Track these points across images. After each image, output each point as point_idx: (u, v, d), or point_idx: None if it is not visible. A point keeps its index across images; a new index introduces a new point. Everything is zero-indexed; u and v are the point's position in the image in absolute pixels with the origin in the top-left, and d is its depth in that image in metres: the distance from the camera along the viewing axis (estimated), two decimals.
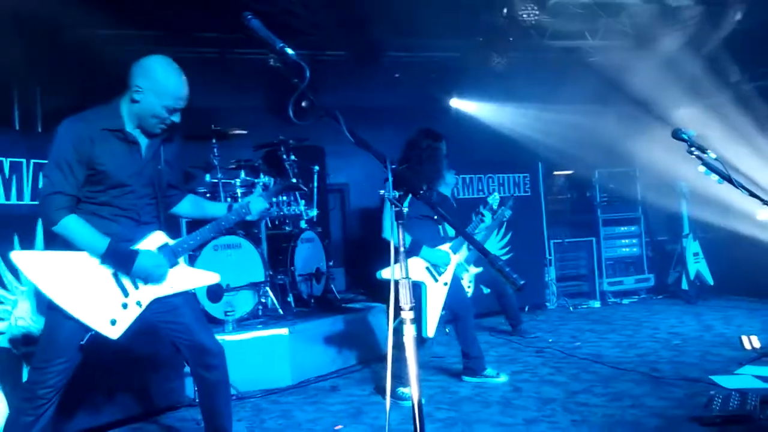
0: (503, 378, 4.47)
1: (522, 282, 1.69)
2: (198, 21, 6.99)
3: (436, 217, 4.40)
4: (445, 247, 4.41)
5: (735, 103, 7.23)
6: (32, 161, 3.68)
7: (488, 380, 4.46)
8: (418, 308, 4.25)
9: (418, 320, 4.25)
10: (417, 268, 4.27)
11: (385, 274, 4.16)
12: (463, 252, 5.41)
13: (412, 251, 4.21)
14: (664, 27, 6.84)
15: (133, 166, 2.73)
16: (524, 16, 7.04)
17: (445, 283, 4.37)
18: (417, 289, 4.27)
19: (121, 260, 2.66)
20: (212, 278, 3.09)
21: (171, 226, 3.02)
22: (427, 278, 4.31)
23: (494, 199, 5.03)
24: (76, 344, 2.61)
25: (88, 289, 2.62)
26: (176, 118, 2.73)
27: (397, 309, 1.84)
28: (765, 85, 7.24)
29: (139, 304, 2.74)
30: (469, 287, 5.63)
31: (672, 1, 6.55)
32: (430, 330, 4.26)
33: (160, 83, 2.63)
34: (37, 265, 2.58)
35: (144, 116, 2.68)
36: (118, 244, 2.66)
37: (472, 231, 4.82)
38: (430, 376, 4.77)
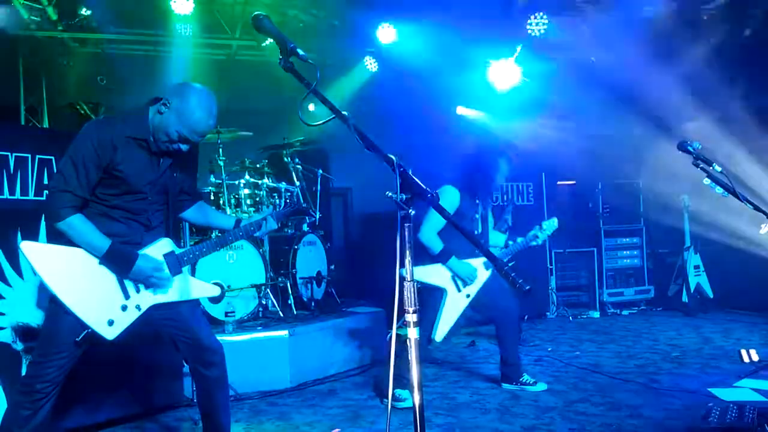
0: (541, 386, 4.45)
1: (528, 287, 1.69)
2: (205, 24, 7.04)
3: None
4: (477, 261, 4.36)
5: (741, 118, 7.24)
6: (37, 157, 3.69)
7: (525, 388, 4.44)
8: (433, 311, 4.26)
9: (431, 322, 4.25)
10: (442, 274, 4.27)
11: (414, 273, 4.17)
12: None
13: (441, 258, 4.21)
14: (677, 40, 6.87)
15: (150, 176, 2.76)
16: (533, 26, 7.09)
17: (468, 296, 4.35)
18: (437, 293, 4.28)
19: (120, 262, 2.68)
20: (213, 291, 3.11)
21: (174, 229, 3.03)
22: (450, 286, 4.29)
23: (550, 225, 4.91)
24: (73, 341, 2.62)
25: (90, 287, 2.64)
26: (184, 147, 2.73)
27: (401, 311, 1.84)
28: None
29: (138, 308, 2.76)
30: None
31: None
32: (440, 335, 4.26)
33: (187, 109, 2.63)
34: (44, 257, 2.60)
35: (158, 129, 2.69)
36: (119, 246, 2.68)
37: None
38: (429, 382, 4.77)
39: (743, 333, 6.23)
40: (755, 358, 4.96)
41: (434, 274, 4.26)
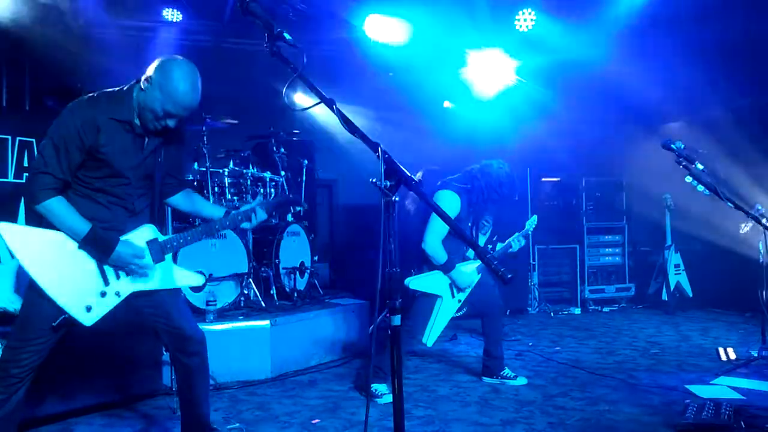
0: (521, 381, 4.47)
1: (510, 275, 1.69)
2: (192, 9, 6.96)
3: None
4: (471, 266, 4.42)
5: (724, 119, 7.32)
6: (18, 139, 3.64)
7: (506, 381, 4.47)
8: (425, 315, 4.31)
9: (423, 326, 4.32)
10: (441, 282, 4.30)
11: (414, 284, 4.25)
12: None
13: (445, 268, 4.25)
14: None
15: (134, 159, 2.70)
16: (521, 22, 7.09)
17: (459, 301, 4.42)
18: (431, 298, 4.32)
19: (100, 247, 2.63)
20: (196, 280, 3.07)
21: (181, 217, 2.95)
22: (446, 293, 4.34)
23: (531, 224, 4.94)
24: (49, 326, 2.58)
25: (69, 271, 2.60)
26: (171, 123, 2.65)
27: (383, 305, 1.83)
28: (754, 102, 7.32)
29: (118, 294, 2.71)
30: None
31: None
32: (432, 340, 4.34)
33: (170, 84, 2.56)
34: (22, 239, 2.54)
35: (143, 108, 2.61)
36: (99, 230, 2.62)
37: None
38: (410, 374, 4.78)
39: (721, 331, 6.32)
40: (732, 356, 5.02)
41: (433, 283, 4.30)
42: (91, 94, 2.66)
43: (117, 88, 2.69)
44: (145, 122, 2.65)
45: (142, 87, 2.60)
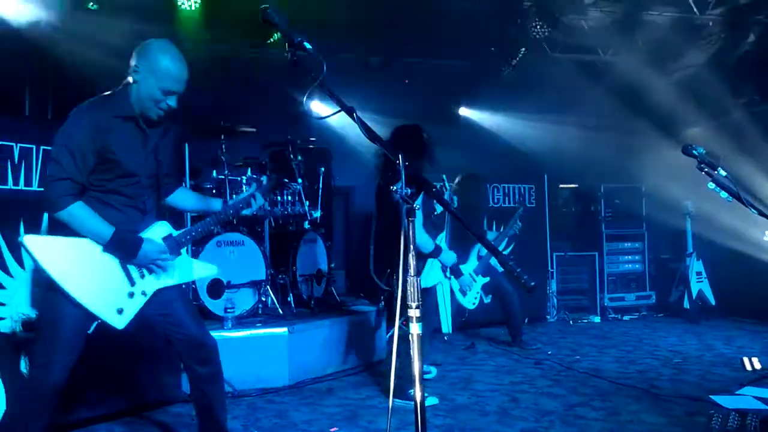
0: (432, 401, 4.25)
1: (533, 283, 1.68)
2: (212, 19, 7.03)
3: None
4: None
5: (745, 124, 7.22)
6: (42, 148, 3.70)
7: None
8: (434, 309, 4.31)
9: (437, 321, 4.34)
10: (436, 270, 4.35)
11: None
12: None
13: (435, 254, 4.27)
14: (681, 45, 6.85)
15: (141, 156, 2.73)
16: (535, 29, 7.07)
17: (449, 277, 4.60)
18: (432, 290, 4.37)
19: (125, 248, 2.65)
20: (211, 270, 3.12)
21: (173, 217, 3.01)
22: (439, 277, 4.42)
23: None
24: (81, 335, 2.60)
25: (97, 277, 2.61)
26: (173, 102, 2.67)
27: (403, 309, 1.82)
28: None
29: (144, 293, 2.74)
30: (475, 299, 5.70)
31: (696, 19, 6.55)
32: (448, 325, 4.37)
33: (158, 64, 2.58)
34: (47, 250, 2.55)
35: (143, 98, 2.63)
36: (124, 231, 2.65)
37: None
38: (428, 383, 4.74)
39: (745, 341, 6.20)
40: (758, 366, 4.93)
41: (432, 274, 4.32)
42: (89, 99, 2.67)
43: (110, 91, 2.70)
44: (147, 113, 2.67)
45: (133, 80, 2.62)
